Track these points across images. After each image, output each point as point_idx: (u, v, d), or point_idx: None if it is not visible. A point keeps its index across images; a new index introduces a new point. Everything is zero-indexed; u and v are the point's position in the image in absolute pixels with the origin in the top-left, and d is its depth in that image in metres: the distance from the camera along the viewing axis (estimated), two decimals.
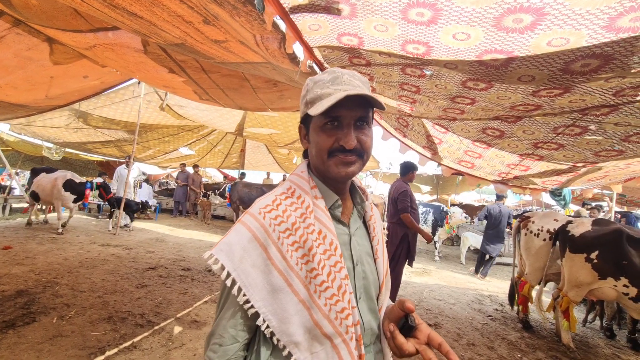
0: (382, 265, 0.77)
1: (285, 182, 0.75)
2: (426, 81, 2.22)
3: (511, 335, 3.26)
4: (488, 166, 3.81)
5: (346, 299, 0.65)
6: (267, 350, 0.65)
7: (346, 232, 0.74)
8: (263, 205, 0.68)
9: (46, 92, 4.77)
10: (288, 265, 0.64)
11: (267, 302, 0.63)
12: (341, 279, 0.65)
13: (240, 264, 0.63)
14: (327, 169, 0.69)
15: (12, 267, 3.71)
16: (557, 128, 2.45)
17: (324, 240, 0.66)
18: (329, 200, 0.72)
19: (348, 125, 0.67)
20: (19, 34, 3.42)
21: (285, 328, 0.63)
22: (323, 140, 0.68)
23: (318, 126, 0.69)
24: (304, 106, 0.71)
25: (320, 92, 0.67)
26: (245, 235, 0.65)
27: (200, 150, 10.36)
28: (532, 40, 1.42)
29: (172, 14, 1.99)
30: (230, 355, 0.64)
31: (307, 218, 0.67)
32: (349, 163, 0.68)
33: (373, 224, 0.79)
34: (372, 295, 0.74)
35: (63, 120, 6.49)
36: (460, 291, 4.83)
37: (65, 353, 2.15)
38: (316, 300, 0.63)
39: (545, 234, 3.45)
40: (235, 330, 0.65)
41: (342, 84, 0.67)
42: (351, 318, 0.65)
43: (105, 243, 5.50)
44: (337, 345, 0.64)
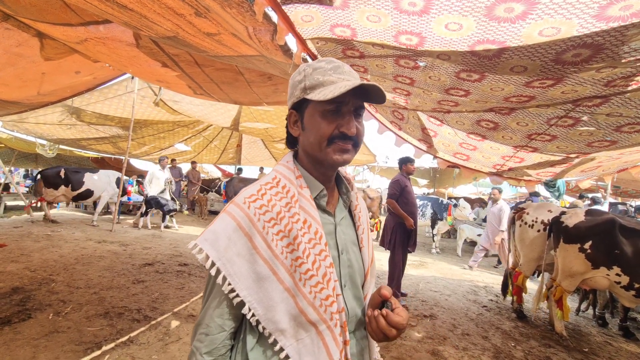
0: (367, 254, 0.78)
1: (271, 172, 0.75)
2: (420, 73, 2.21)
3: (505, 325, 3.30)
4: (483, 158, 3.83)
5: (331, 286, 0.65)
6: (254, 339, 0.66)
7: (332, 222, 0.75)
8: (248, 195, 0.68)
9: (38, 88, 4.71)
10: (273, 254, 0.65)
11: (252, 291, 0.64)
12: (326, 267, 0.66)
13: (225, 253, 0.63)
14: (325, 156, 0.69)
15: (7, 265, 3.69)
16: (550, 119, 2.47)
17: (309, 229, 0.67)
18: (314, 190, 0.73)
19: (349, 112, 0.68)
20: (8, 29, 3.36)
21: (271, 316, 0.63)
22: (324, 127, 0.68)
23: (319, 112, 0.69)
24: (301, 91, 0.71)
25: (322, 78, 0.67)
26: (230, 225, 0.65)
27: (196, 146, 10.31)
28: (524, 30, 1.42)
29: (162, 6, 1.96)
30: (217, 344, 0.65)
31: (292, 207, 0.67)
32: (346, 150, 0.69)
33: (358, 213, 0.80)
34: (358, 283, 0.75)
35: (56, 116, 6.41)
36: (456, 283, 4.88)
37: (62, 348, 2.16)
38: (301, 288, 0.64)
39: (540, 225, 3.48)
40: (222, 320, 0.65)
41: (344, 73, 0.68)
42: (335, 305, 0.66)
43: (101, 240, 5.48)
44: (321, 331, 0.65)
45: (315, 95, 0.66)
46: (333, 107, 0.68)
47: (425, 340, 2.79)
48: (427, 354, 2.55)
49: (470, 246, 8.45)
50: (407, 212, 3.83)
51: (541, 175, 3.94)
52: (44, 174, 6.81)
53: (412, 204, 3.90)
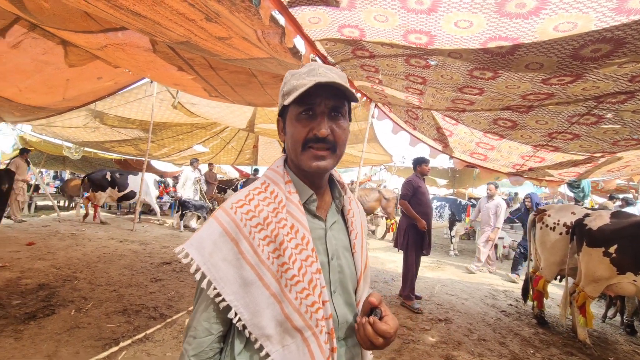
0: (360, 259, 0.76)
1: (261, 177, 0.75)
2: (432, 72, 2.17)
3: (525, 331, 3.18)
4: (501, 158, 3.71)
5: (316, 292, 0.65)
6: (241, 344, 0.66)
7: (322, 227, 0.74)
8: (235, 200, 0.68)
9: (63, 94, 4.93)
10: (259, 260, 0.64)
11: (238, 296, 0.64)
12: (312, 273, 0.65)
13: (211, 257, 0.64)
14: (299, 162, 0.69)
15: (34, 262, 3.89)
16: (572, 117, 2.36)
17: (296, 235, 0.66)
18: (303, 195, 0.72)
19: (322, 114, 0.67)
20: (35, 38, 3.54)
21: (257, 321, 0.63)
22: (298, 131, 0.68)
23: (293, 116, 0.69)
24: (281, 98, 0.72)
25: (296, 83, 0.67)
26: (217, 230, 0.65)
27: (214, 147, 10.51)
28: (538, 26, 1.36)
29: (174, 13, 2.01)
30: (204, 347, 0.65)
31: (279, 212, 0.67)
32: (321, 157, 0.67)
33: (351, 218, 0.79)
34: (349, 289, 0.74)
35: (81, 120, 6.70)
36: (474, 286, 4.75)
37: (82, 344, 2.25)
38: (287, 294, 0.64)
39: (562, 227, 3.33)
40: (209, 323, 0.66)
41: (317, 75, 0.66)
42: (321, 312, 0.65)
43: (123, 239, 5.68)
44: (307, 338, 0.64)
45: (287, 99, 0.66)
46: (305, 109, 0.67)
47: (439, 345, 2.72)
48: (440, 359, 2.49)
49: None
50: (420, 214, 3.75)
51: (564, 175, 3.78)
52: (91, 178, 7.29)
53: (426, 205, 3.82)
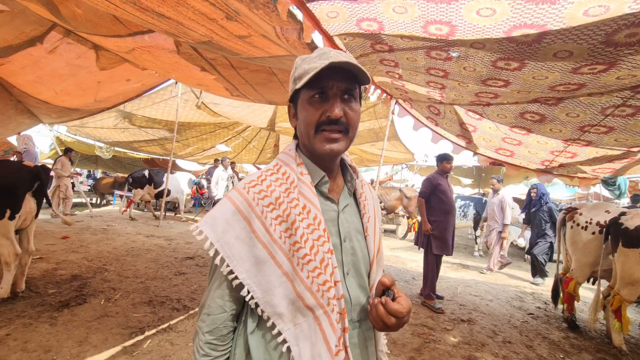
0: (373, 243, 0.76)
1: (274, 159, 0.76)
2: (453, 64, 2.11)
3: (554, 335, 3.03)
4: (529, 154, 3.56)
5: (328, 272, 0.65)
6: (254, 322, 0.67)
7: (334, 209, 0.74)
8: (248, 181, 0.69)
9: (95, 96, 5.19)
10: (272, 239, 0.65)
11: (251, 274, 0.65)
12: (324, 252, 0.65)
13: (224, 235, 0.65)
14: (313, 145, 0.69)
15: (68, 255, 4.12)
16: (606, 109, 2.23)
17: (308, 215, 0.66)
18: (315, 176, 0.72)
19: (334, 95, 0.67)
20: (69, 43, 3.75)
21: (269, 299, 0.64)
22: (310, 114, 0.68)
23: (305, 100, 0.69)
24: (292, 83, 0.72)
25: (307, 67, 0.67)
26: (229, 209, 0.66)
27: (236, 146, 10.73)
28: (566, 11, 1.29)
29: (196, 12, 2.06)
30: (218, 324, 0.67)
31: (291, 193, 0.67)
32: (334, 140, 0.67)
33: (364, 201, 0.78)
34: (362, 272, 0.74)
35: (111, 121, 7.04)
36: (500, 287, 4.58)
37: (110, 331, 2.36)
38: (299, 273, 0.64)
39: (595, 226, 3.15)
40: (222, 301, 0.67)
41: (328, 58, 0.66)
42: (333, 290, 0.64)
43: (149, 234, 5.91)
44: (318, 316, 0.64)
45: (299, 83, 0.66)
46: (317, 92, 0.67)
47: (461, 346, 2.65)
48: None
49: (518, 249, 7.91)
50: (442, 212, 3.65)
51: (598, 171, 3.57)
52: (132, 176, 7.92)
53: (447, 204, 3.69)
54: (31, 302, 2.69)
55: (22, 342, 2.12)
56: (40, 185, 2.75)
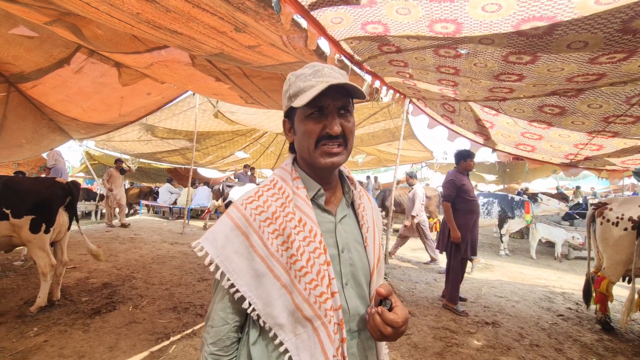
0: (373, 253, 0.76)
1: (271, 175, 0.78)
2: (463, 61, 2.07)
3: (586, 337, 2.88)
4: (552, 148, 3.42)
5: (325, 283, 0.66)
6: (256, 332, 0.69)
7: (331, 220, 0.75)
8: (246, 197, 0.72)
9: (119, 111, 5.45)
10: (269, 252, 0.67)
11: (251, 287, 0.67)
12: (320, 264, 0.66)
13: (223, 250, 0.68)
14: (313, 160, 0.71)
15: (99, 263, 4.32)
16: (631, 98, 2.12)
17: (304, 228, 0.68)
18: (311, 189, 0.74)
19: (332, 112, 0.69)
20: (93, 62, 3.97)
21: (270, 311, 0.66)
22: (309, 130, 0.69)
23: (303, 117, 0.71)
24: (287, 100, 0.74)
25: (302, 85, 0.69)
26: (228, 225, 0.69)
27: (254, 153, 10.93)
28: (576, 1, 1.25)
29: (206, 27, 2.14)
30: (221, 335, 0.70)
31: (287, 207, 0.69)
32: (334, 154, 0.69)
33: (362, 212, 0.79)
34: (362, 282, 0.74)
35: (135, 134, 7.36)
36: (527, 288, 4.40)
37: (138, 337, 2.46)
38: (297, 285, 0.66)
39: (627, 222, 2.97)
40: (225, 313, 0.70)
41: (323, 76, 0.68)
42: (330, 302, 0.66)
43: (174, 242, 6.12)
44: (317, 327, 0.65)
45: (296, 102, 0.69)
46: (315, 110, 0.69)
47: (485, 349, 2.57)
48: None
49: (547, 247, 7.57)
50: (468, 211, 3.50)
51: (628, 163, 3.38)
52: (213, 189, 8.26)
53: (473, 203, 3.54)
54: (66, 310, 2.85)
55: (58, 348, 2.25)
56: (72, 199, 2.92)
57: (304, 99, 0.66)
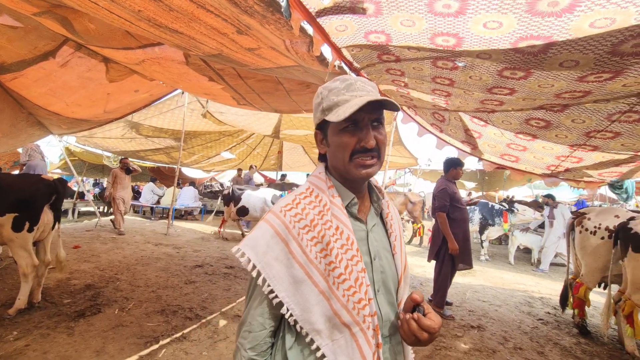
0: (400, 260, 0.79)
1: (305, 183, 0.80)
2: (459, 73, 2.15)
3: (565, 341, 3.02)
4: (535, 159, 3.57)
5: (363, 290, 0.68)
6: (292, 337, 0.71)
7: (363, 229, 0.77)
8: (284, 204, 0.73)
9: (104, 107, 5.29)
10: (308, 259, 0.69)
11: (290, 293, 0.69)
12: (358, 271, 0.68)
13: (264, 257, 0.69)
14: (348, 171, 0.73)
15: (81, 264, 4.17)
16: (612, 115, 2.25)
17: (341, 236, 0.70)
18: (345, 198, 0.76)
19: (366, 126, 0.71)
20: (80, 57, 3.85)
21: (307, 317, 0.68)
22: (345, 143, 0.72)
23: (338, 130, 0.73)
24: (321, 113, 0.75)
25: (336, 99, 0.71)
26: (269, 232, 0.70)
27: (240, 153, 10.83)
28: (572, 23, 1.33)
29: (208, 27, 2.13)
30: (259, 340, 0.71)
31: (325, 215, 0.71)
32: (368, 165, 0.72)
33: (390, 220, 0.82)
34: (391, 289, 0.77)
35: (119, 131, 7.15)
36: (508, 293, 4.56)
37: (126, 341, 2.39)
38: (335, 292, 0.67)
39: (604, 231, 3.14)
40: (263, 318, 0.71)
41: (356, 90, 0.71)
42: (368, 308, 0.68)
43: (157, 242, 5.97)
44: (355, 333, 0.67)
45: (331, 116, 0.70)
46: (350, 123, 0.71)
47: (472, 353, 2.65)
48: None
49: (524, 253, 7.87)
50: (460, 219, 3.55)
51: (604, 175, 3.57)
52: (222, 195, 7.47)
53: (464, 211, 3.61)
54: (48, 313, 2.74)
55: (41, 353, 2.16)
56: (58, 198, 2.81)
57: (341, 114, 0.67)
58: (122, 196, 6.72)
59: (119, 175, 6.79)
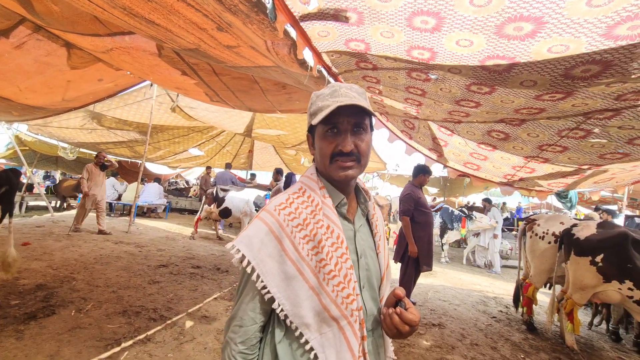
0: (384, 259, 0.85)
1: (297, 183, 0.83)
2: (431, 85, 2.28)
3: (515, 337, 3.28)
4: (494, 168, 3.84)
5: (351, 286, 0.72)
6: (281, 332, 0.74)
7: (351, 228, 0.82)
8: (278, 203, 0.76)
9: (63, 95, 4.94)
10: (300, 256, 0.72)
11: (281, 289, 0.71)
12: (347, 268, 0.73)
13: (259, 253, 0.71)
14: (329, 173, 0.78)
15: (31, 262, 3.86)
16: (562, 131, 2.49)
17: (332, 234, 0.74)
18: (335, 199, 0.80)
19: (345, 131, 0.75)
20: (39, 39, 3.57)
21: (297, 311, 0.71)
22: (325, 146, 0.76)
23: (320, 134, 0.77)
24: (309, 117, 0.81)
25: (321, 104, 0.76)
26: (263, 229, 0.73)
27: (209, 151, 10.53)
28: (533, 47, 1.48)
29: (187, 22, 2.09)
30: (250, 335, 0.73)
31: (317, 214, 0.75)
32: (347, 167, 0.76)
33: (375, 221, 0.87)
34: (375, 286, 0.82)
35: (78, 121, 6.69)
36: (465, 292, 4.85)
37: (84, 344, 2.26)
38: (325, 287, 0.71)
39: (551, 236, 3.46)
40: (254, 313, 0.73)
41: (339, 96, 0.75)
42: (355, 303, 0.72)
43: (118, 240, 5.65)
44: (343, 327, 0.72)
45: (314, 120, 0.75)
46: (330, 127, 0.75)
47: (433, 349, 2.80)
48: None
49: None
50: (424, 223, 3.70)
51: (553, 185, 3.93)
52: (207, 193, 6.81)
53: (429, 215, 3.78)
54: None
55: None
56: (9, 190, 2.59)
57: (319, 117, 0.73)
58: (93, 194, 6.17)
59: (93, 171, 6.22)
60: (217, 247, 6.07)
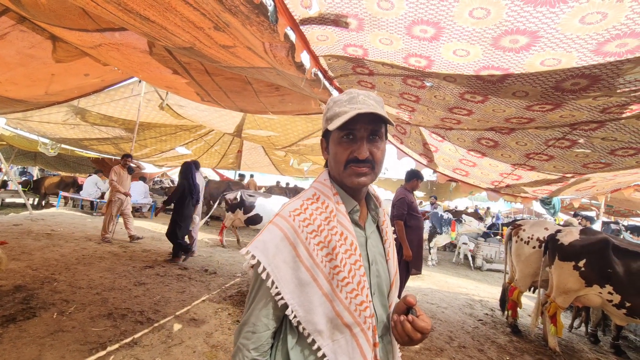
0: (393, 266, 0.85)
1: (310, 188, 0.83)
2: (426, 92, 2.31)
3: (500, 339, 3.36)
4: (482, 174, 3.93)
5: (364, 293, 0.73)
6: (293, 338, 0.73)
7: (363, 235, 0.82)
8: (292, 209, 0.75)
9: (46, 88, 4.78)
10: (314, 263, 0.72)
11: (295, 295, 0.71)
12: (360, 275, 0.73)
13: (274, 259, 0.71)
14: (342, 179, 0.78)
15: (8, 263, 3.69)
16: (548, 141, 2.58)
17: (345, 241, 0.74)
18: (348, 205, 0.80)
19: (361, 138, 0.76)
20: (23, 31, 3.44)
21: (310, 318, 0.70)
22: (340, 152, 0.76)
23: (336, 139, 0.77)
24: (325, 122, 0.81)
25: (338, 110, 0.76)
26: (278, 235, 0.72)
27: (197, 150, 10.37)
28: (527, 60, 1.52)
29: (184, 20, 2.06)
30: (262, 341, 0.72)
31: (331, 221, 0.75)
32: (361, 174, 0.76)
33: (385, 228, 0.88)
34: (384, 292, 0.83)
35: (60, 116, 6.47)
36: (452, 296, 4.93)
37: (67, 348, 2.18)
38: (338, 294, 0.71)
39: (535, 241, 3.57)
40: (267, 319, 0.72)
41: (357, 103, 0.75)
42: (369, 310, 0.73)
43: (100, 240, 5.49)
44: (356, 334, 0.72)
45: (331, 125, 0.75)
46: (346, 133, 0.76)
47: (422, 352, 2.84)
48: None
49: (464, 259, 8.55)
50: (415, 227, 3.74)
51: (537, 192, 4.05)
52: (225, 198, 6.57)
53: (420, 219, 3.83)
54: None
55: None
56: None
57: (336, 123, 0.73)
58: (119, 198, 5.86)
59: (120, 173, 5.92)
60: (204, 249, 5.98)
